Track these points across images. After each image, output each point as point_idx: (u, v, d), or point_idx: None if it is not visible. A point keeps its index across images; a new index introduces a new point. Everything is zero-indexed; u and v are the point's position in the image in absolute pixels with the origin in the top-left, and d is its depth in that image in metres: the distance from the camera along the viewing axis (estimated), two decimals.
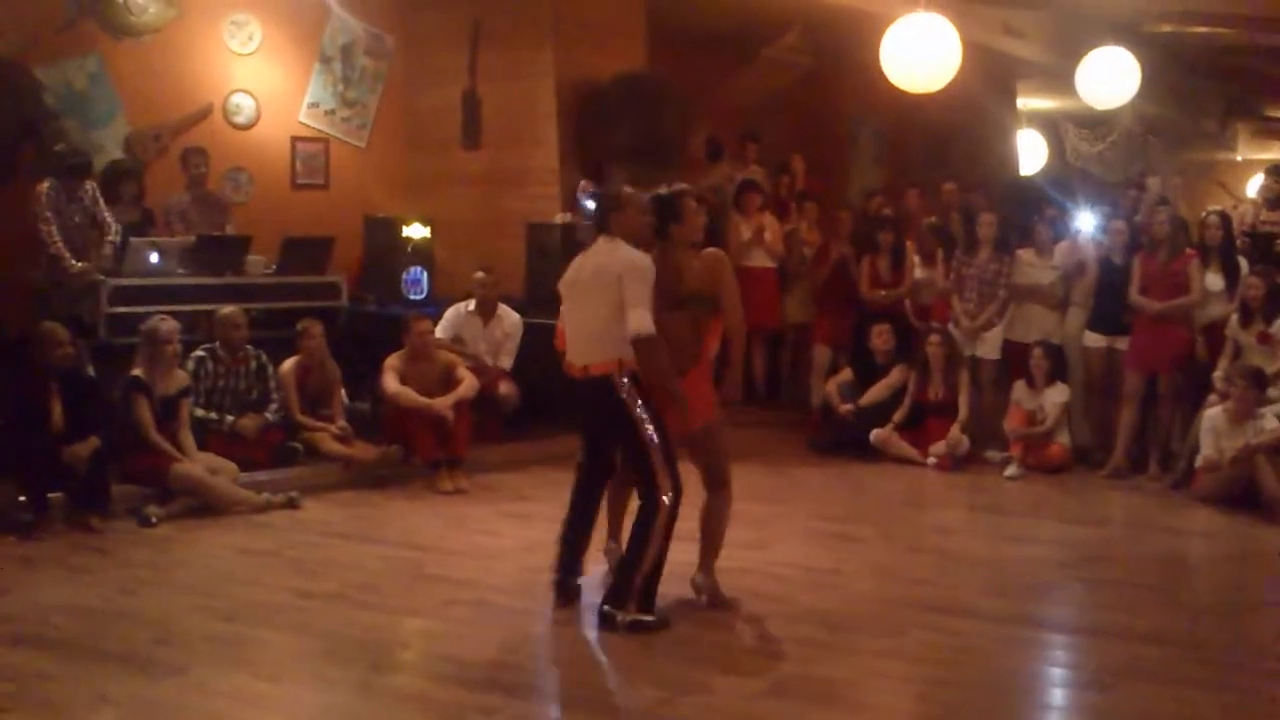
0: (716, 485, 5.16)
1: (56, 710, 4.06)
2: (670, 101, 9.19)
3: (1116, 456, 8.06)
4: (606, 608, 4.85)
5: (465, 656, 4.55)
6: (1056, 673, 4.72)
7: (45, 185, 7.50)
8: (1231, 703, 4.26)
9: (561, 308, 5.20)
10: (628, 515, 5.25)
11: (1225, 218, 8.43)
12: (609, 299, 4.81)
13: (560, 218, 8.97)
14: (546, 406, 7.85)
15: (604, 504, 5.35)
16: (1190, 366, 8.00)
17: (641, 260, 4.85)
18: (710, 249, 5.21)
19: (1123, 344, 8.16)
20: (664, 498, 4.83)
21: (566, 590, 5.15)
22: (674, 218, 5.06)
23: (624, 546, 5.09)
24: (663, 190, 5.16)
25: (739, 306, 5.11)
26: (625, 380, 4.83)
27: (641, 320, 4.74)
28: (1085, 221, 9.06)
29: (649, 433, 4.82)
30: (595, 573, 5.34)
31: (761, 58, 11.09)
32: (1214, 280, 8.02)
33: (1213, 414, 7.40)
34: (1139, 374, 8.02)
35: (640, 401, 4.84)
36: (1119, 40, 10.29)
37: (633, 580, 4.83)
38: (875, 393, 8.67)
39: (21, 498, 6.34)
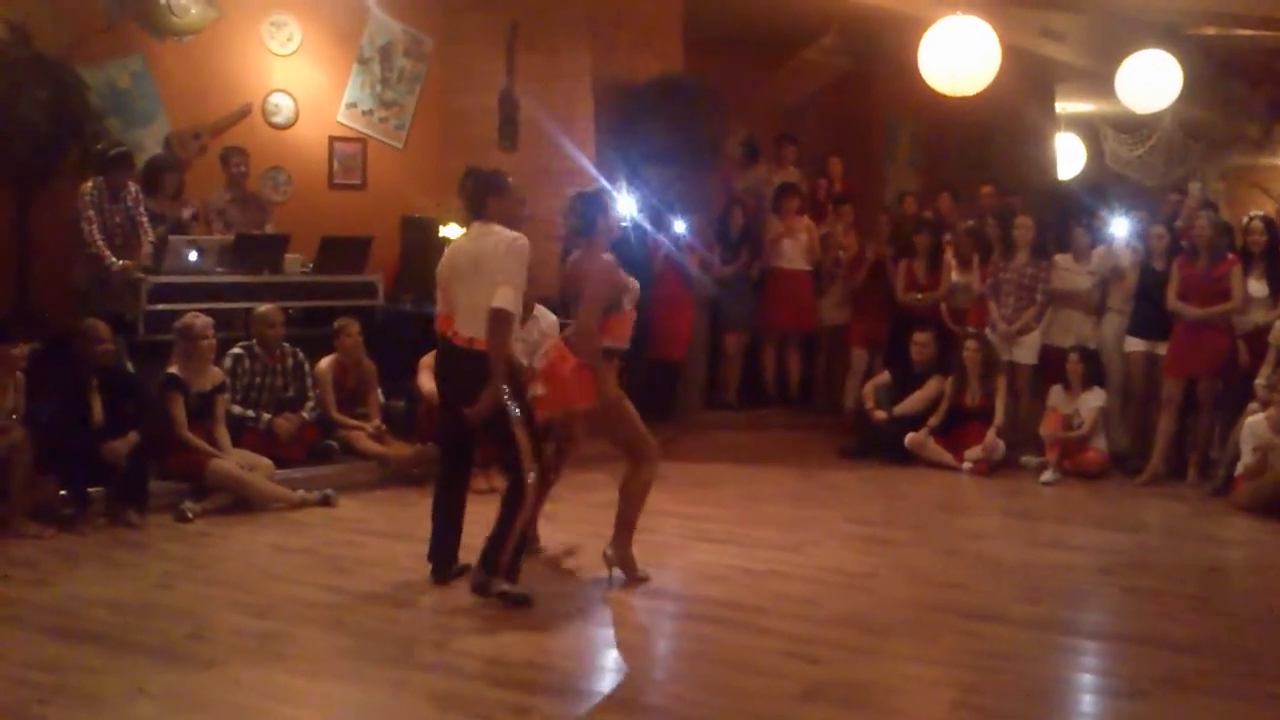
0: (638, 459, 5.43)
1: (95, 702, 4.10)
2: (707, 103, 9.18)
3: (1154, 463, 7.98)
4: (478, 577, 5.13)
5: (498, 655, 4.56)
6: (1091, 680, 4.67)
7: (89, 184, 7.59)
8: (1270, 714, 4.20)
9: (438, 293, 5.34)
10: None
11: (1269, 223, 8.33)
12: (491, 281, 5.05)
13: None
14: None
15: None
16: (1231, 373, 7.92)
17: (519, 241, 5.11)
18: (604, 255, 5.37)
19: (1163, 349, 8.07)
20: (528, 476, 5.07)
21: (442, 574, 5.42)
22: (600, 213, 5.34)
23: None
24: (587, 190, 5.46)
25: (590, 314, 5.25)
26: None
27: (505, 298, 5.01)
28: (1121, 227, 8.97)
29: (514, 410, 5.07)
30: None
31: (799, 59, 11.06)
32: (1257, 286, 7.94)
33: (1254, 421, 7.32)
34: (1178, 380, 7.94)
35: (510, 380, 5.09)
36: (1160, 43, 10.20)
37: (501, 553, 5.08)
38: (910, 404, 8.63)
39: (63, 492, 6.44)
